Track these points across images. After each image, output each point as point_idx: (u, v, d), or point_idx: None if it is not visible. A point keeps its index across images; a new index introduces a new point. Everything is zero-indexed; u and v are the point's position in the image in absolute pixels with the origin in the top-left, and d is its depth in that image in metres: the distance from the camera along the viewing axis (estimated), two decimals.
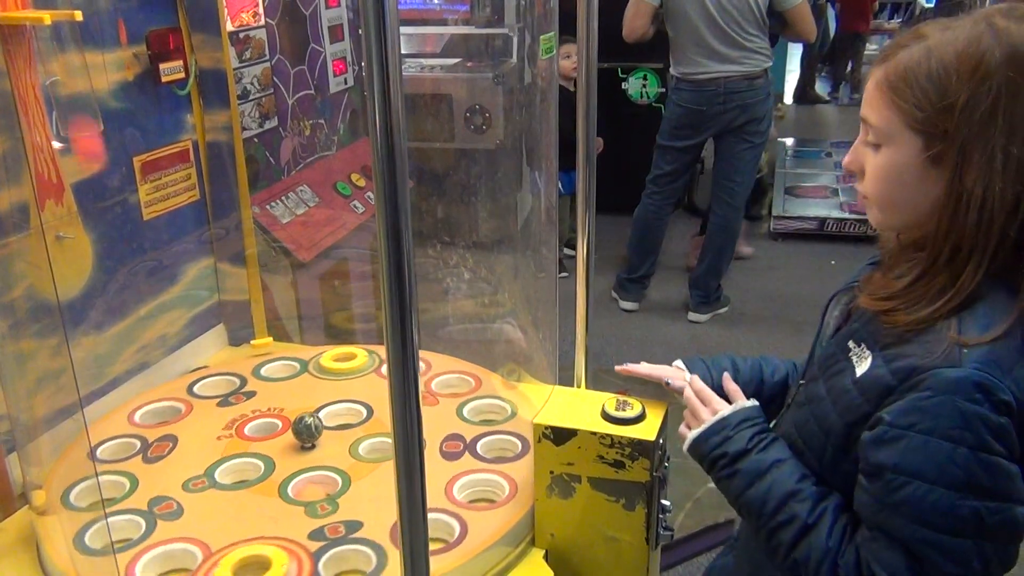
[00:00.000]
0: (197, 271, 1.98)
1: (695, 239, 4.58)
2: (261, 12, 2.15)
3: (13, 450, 1.49)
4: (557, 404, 1.41)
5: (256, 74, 2.16)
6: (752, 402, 1.21)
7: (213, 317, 2.05)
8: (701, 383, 1.26)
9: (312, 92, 2.44)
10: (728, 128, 3.88)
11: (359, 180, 2.57)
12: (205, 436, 1.64)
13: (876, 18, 9.62)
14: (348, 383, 1.81)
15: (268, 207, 2.22)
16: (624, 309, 4.30)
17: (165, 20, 1.81)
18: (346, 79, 2.61)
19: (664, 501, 1.40)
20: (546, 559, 1.41)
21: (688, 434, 1.22)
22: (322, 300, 2.41)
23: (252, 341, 2.07)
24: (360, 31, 0.80)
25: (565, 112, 1.50)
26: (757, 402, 1.22)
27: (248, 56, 2.13)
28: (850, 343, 1.07)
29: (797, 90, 9.27)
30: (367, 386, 1.79)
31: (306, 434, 1.57)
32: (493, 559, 1.37)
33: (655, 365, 1.39)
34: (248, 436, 1.64)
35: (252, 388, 1.81)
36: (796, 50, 8.82)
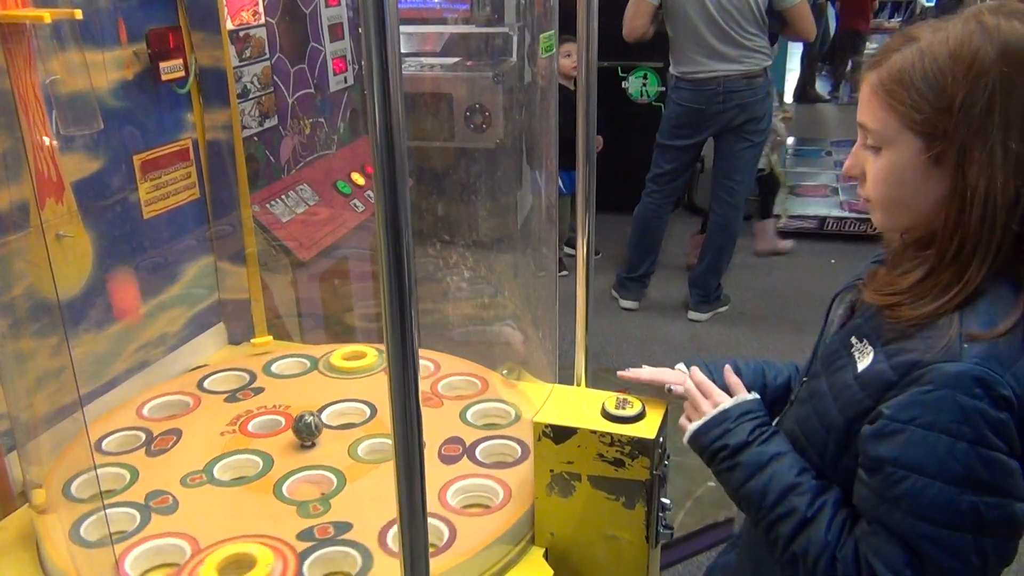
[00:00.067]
0: (197, 270, 1.98)
1: (696, 238, 4.59)
2: (261, 11, 2.15)
3: (13, 449, 1.50)
4: (557, 403, 1.41)
5: (256, 73, 2.16)
6: (753, 395, 1.21)
7: (213, 316, 2.05)
8: (702, 375, 1.26)
9: (312, 91, 2.44)
10: (728, 127, 3.88)
11: (359, 179, 2.57)
12: (209, 431, 1.65)
13: (876, 17, 9.62)
14: (356, 382, 1.81)
15: (268, 206, 2.22)
16: (624, 308, 4.30)
17: (165, 19, 1.81)
18: (346, 78, 2.61)
19: (664, 499, 1.40)
20: (546, 558, 1.41)
21: (688, 426, 1.22)
22: (322, 299, 2.41)
23: (252, 340, 2.07)
24: (360, 30, 0.80)
25: (565, 111, 1.50)
26: (758, 395, 1.22)
27: (248, 55, 2.13)
28: (852, 339, 1.07)
29: (797, 89, 9.27)
30: (374, 385, 1.79)
31: (306, 433, 1.57)
32: (493, 558, 1.37)
33: (656, 368, 1.40)
34: (251, 433, 1.64)
35: (261, 384, 1.82)
36: (796, 49, 8.81)
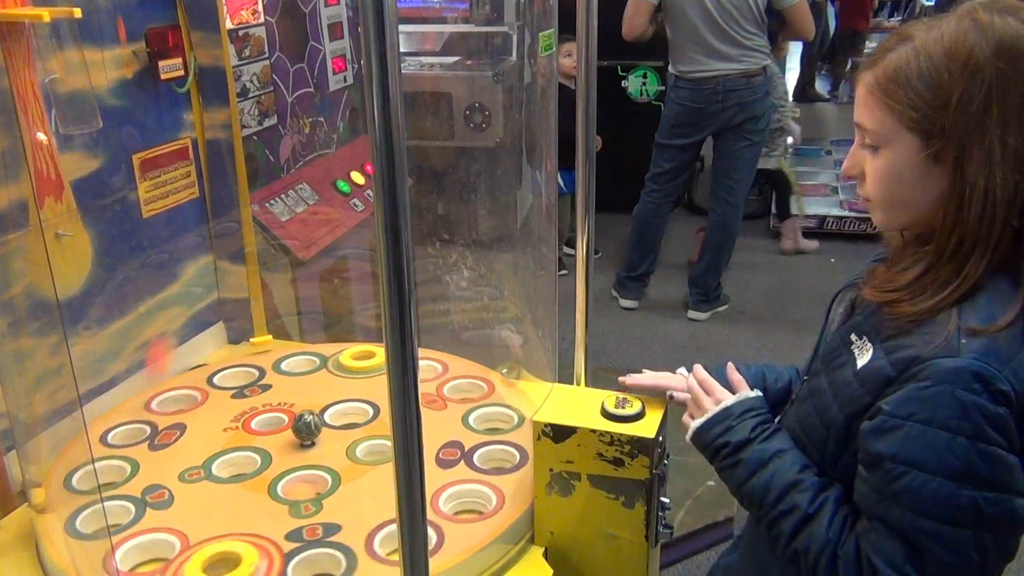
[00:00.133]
0: (196, 269, 1.98)
1: (698, 235, 4.59)
2: (260, 10, 2.15)
3: (12, 448, 1.49)
4: (557, 402, 1.41)
5: (255, 72, 2.15)
6: (756, 392, 1.22)
7: (212, 315, 2.05)
8: (704, 373, 1.26)
9: (311, 90, 2.44)
10: (727, 126, 3.88)
11: (359, 178, 2.57)
12: (213, 427, 1.66)
13: (876, 16, 9.61)
14: (363, 382, 1.81)
15: (267, 205, 2.21)
16: (624, 307, 4.30)
17: (164, 18, 1.81)
18: (345, 77, 2.61)
19: (664, 499, 1.40)
20: (546, 557, 1.41)
21: (691, 423, 1.22)
22: (321, 298, 2.41)
23: (251, 339, 2.07)
24: (359, 29, 0.80)
25: (566, 110, 1.50)
26: (760, 393, 1.22)
27: (247, 54, 2.12)
28: (852, 336, 1.07)
29: (797, 88, 9.26)
30: (381, 385, 1.78)
31: (305, 432, 1.57)
32: (493, 557, 1.37)
33: (658, 374, 1.40)
34: (253, 430, 1.65)
35: (268, 382, 1.83)
36: (796, 48, 8.79)
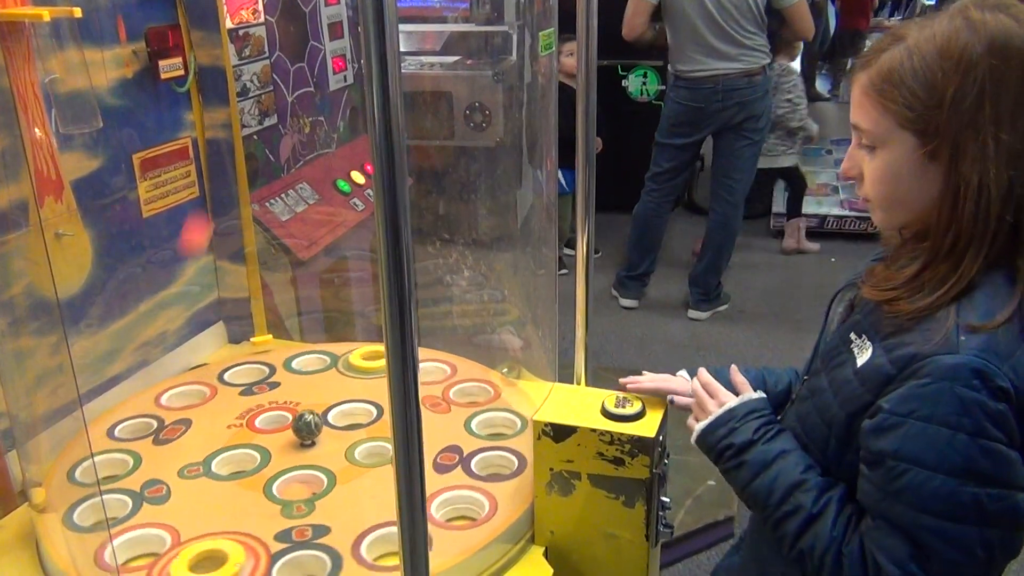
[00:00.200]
0: (196, 268, 1.98)
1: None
2: (260, 9, 2.15)
3: (13, 448, 1.50)
4: (557, 401, 1.41)
5: (255, 71, 2.15)
6: (759, 394, 1.22)
7: (212, 314, 2.05)
8: (708, 376, 1.27)
9: (312, 89, 2.44)
10: (727, 125, 3.88)
11: (359, 177, 2.57)
12: (217, 424, 1.66)
13: (876, 15, 9.60)
14: (371, 382, 1.80)
15: (267, 204, 2.21)
16: (624, 307, 4.30)
17: (164, 17, 1.81)
18: (345, 76, 2.61)
19: (664, 498, 1.40)
20: (546, 556, 1.41)
21: (696, 426, 1.22)
22: (322, 297, 2.41)
23: (252, 339, 2.07)
24: (359, 28, 0.80)
25: (569, 110, 1.50)
26: (764, 394, 1.22)
27: (247, 53, 2.12)
28: (851, 334, 1.08)
29: None
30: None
31: (305, 431, 1.57)
32: (493, 556, 1.37)
33: (658, 376, 1.40)
34: (257, 428, 1.65)
35: (277, 379, 1.83)
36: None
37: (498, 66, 3.93)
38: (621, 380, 1.41)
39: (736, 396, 1.22)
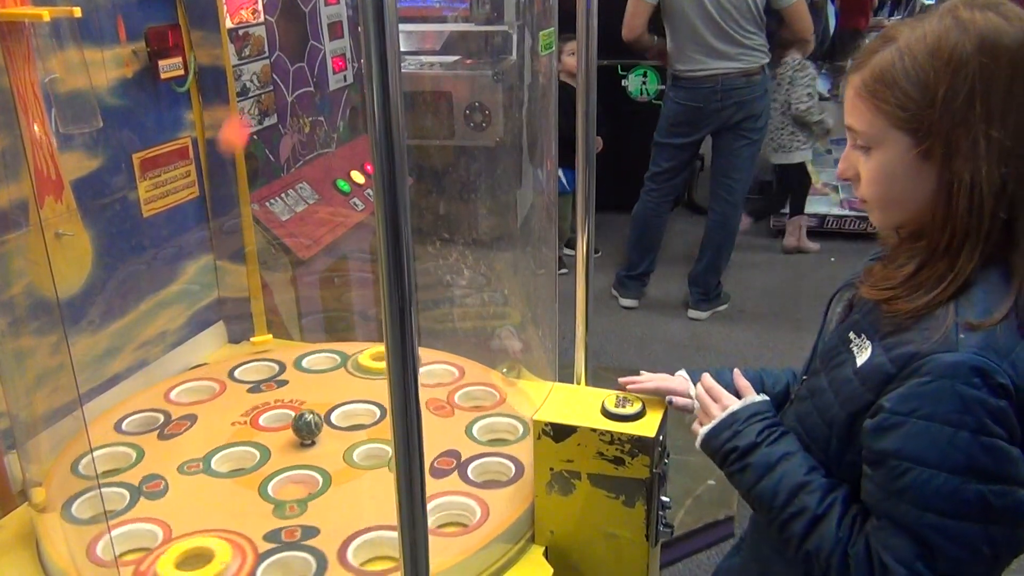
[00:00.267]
0: (196, 268, 1.98)
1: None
2: (260, 9, 2.15)
3: (13, 447, 1.50)
4: (557, 401, 1.41)
5: (255, 71, 2.15)
6: (762, 397, 1.22)
7: (213, 314, 2.05)
8: (711, 380, 1.27)
9: (312, 89, 2.44)
10: (726, 125, 3.88)
11: (359, 177, 2.57)
12: (222, 420, 1.67)
13: (876, 15, 9.60)
14: (378, 383, 1.80)
15: (267, 204, 2.21)
16: (624, 306, 4.30)
17: (164, 17, 1.81)
18: (345, 76, 2.61)
19: (664, 498, 1.40)
20: (546, 556, 1.41)
21: (700, 430, 1.23)
22: (322, 297, 2.41)
23: (252, 338, 2.07)
24: (359, 28, 0.80)
25: (570, 109, 1.50)
26: (767, 397, 1.22)
27: (247, 53, 2.12)
28: (851, 334, 1.08)
29: None
30: None
31: (305, 431, 1.57)
32: (493, 556, 1.37)
33: (657, 376, 1.40)
34: (260, 426, 1.65)
35: (286, 377, 1.84)
36: None
37: (498, 66, 3.93)
38: (620, 380, 1.42)
39: (739, 399, 1.22)
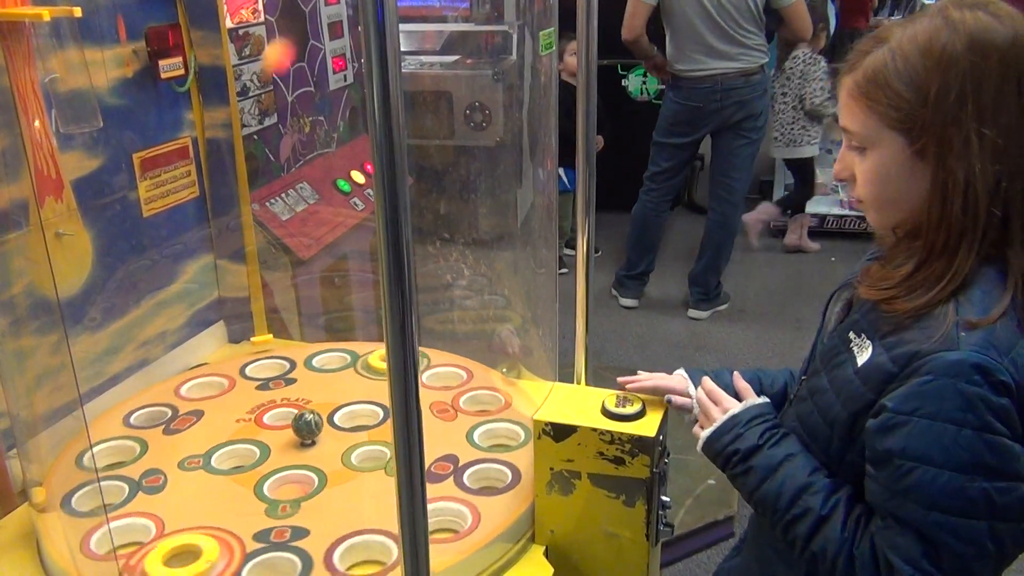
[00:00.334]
0: (197, 268, 1.98)
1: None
2: (260, 9, 2.15)
3: (13, 447, 1.50)
4: (557, 400, 1.41)
5: (255, 71, 2.15)
6: (763, 399, 1.22)
7: (213, 314, 2.05)
8: (712, 383, 1.27)
9: (312, 89, 2.44)
10: (725, 124, 3.88)
11: (359, 177, 2.57)
12: (227, 417, 1.67)
13: (876, 15, 9.60)
14: (384, 384, 1.78)
15: (268, 204, 2.21)
16: (624, 306, 4.30)
17: (164, 16, 1.81)
18: (345, 76, 2.61)
19: (664, 497, 1.40)
20: (546, 555, 1.41)
21: (701, 433, 1.23)
22: (322, 297, 2.41)
23: (252, 338, 2.07)
24: (359, 28, 0.80)
25: (572, 108, 1.50)
26: (767, 399, 1.22)
27: (247, 53, 2.12)
28: (851, 334, 1.08)
29: None
30: None
31: (305, 431, 1.57)
32: (493, 555, 1.37)
33: (655, 375, 1.40)
34: (264, 424, 1.65)
35: (295, 376, 1.84)
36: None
37: (498, 65, 3.93)
38: (619, 380, 1.42)
39: (739, 402, 1.22)
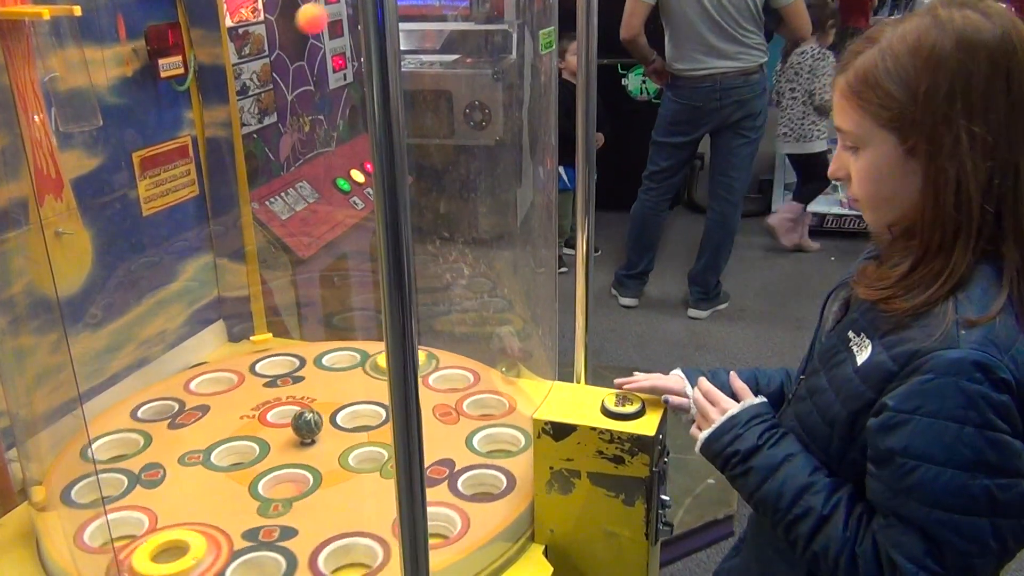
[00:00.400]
0: (196, 267, 1.98)
1: None
2: (260, 8, 2.15)
3: (13, 446, 1.50)
4: (557, 400, 1.41)
5: (255, 70, 2.15)
6: (760, 399, 1.22)
7: (212, 313, 2.05)
8: (708, 384, 1.27)
9: (311, 88, 2.44)
10: (724, 124, 3.88)
11: (359, 176, 2.57)
12: (232, 413, 1.68)
13: (876, 14, 9.60)
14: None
15: (267, 203, 2.21)
16: (623, 305, 4.30)
17: (164, 15, 1.81)
18: (345, 75, 2.61)
19: (663, 496, 1.40)
20: (546, 555, 1.42)
21: (700, 435, 1.22)
22: (321, 296, 2.41)
23: (251, 337, 2.07)
24: (359, 27, 0.80)
25: (572, 107, 1.50)
26: (765, 399, 1.22)
27: (247, 52, 2.12)
28: (849, 333, 1.08)
29: None
30: None
31: (304, 430, 1.57)
32: (493, 555, 1.37)
33: (652, 375, 1.40)
34: (267, 421, 1.65)
35: (303, 374, 1.84)
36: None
37: (498, 64, 3.93)
38: (616, 381, 1.41)
39: (737, 402, 1.22)
